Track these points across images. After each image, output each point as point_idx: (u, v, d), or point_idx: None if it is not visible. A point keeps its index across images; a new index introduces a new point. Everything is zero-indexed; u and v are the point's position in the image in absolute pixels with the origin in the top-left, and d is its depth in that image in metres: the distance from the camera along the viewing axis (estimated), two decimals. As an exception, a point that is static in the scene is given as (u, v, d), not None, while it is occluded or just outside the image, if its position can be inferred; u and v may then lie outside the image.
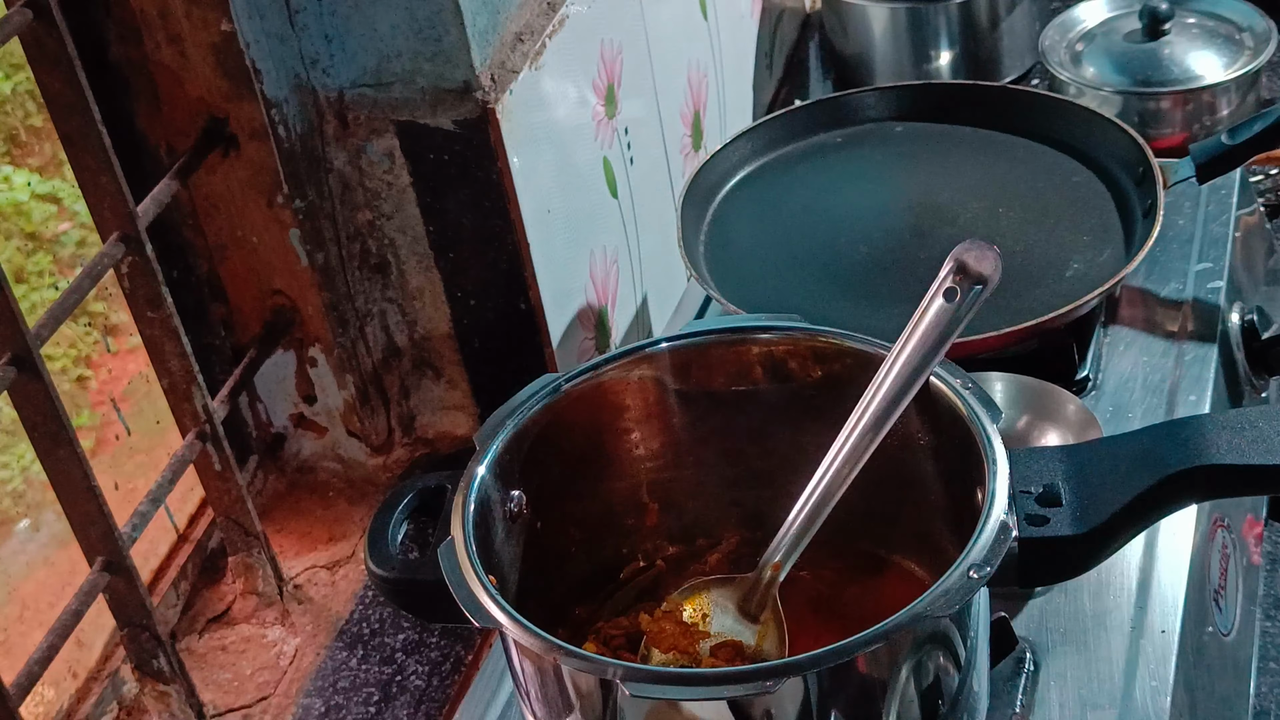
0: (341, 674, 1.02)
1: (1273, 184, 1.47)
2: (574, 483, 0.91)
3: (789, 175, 1.32)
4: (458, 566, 0.77)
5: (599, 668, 0.72)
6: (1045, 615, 0.96)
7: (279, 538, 1.14)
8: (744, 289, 1.18)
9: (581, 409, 0.89)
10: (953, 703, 0.77)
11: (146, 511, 0.95)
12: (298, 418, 1.16)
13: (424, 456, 1.18)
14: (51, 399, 0.85)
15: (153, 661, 0.95)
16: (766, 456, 0.93)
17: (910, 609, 0.71)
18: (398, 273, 1.10)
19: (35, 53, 0.87)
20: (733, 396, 0.92)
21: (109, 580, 0.90)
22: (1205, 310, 1.20)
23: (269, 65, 1.00)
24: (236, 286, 1.10)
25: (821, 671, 0.70)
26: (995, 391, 1.05)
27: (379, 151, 1.05)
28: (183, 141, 1.02)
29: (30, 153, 1.30)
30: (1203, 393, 1.12)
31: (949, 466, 0.84)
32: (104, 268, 0.91)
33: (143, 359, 1.01)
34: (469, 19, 1.00)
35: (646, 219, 1.27)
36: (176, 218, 1.06)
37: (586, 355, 1.17)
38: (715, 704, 0.71)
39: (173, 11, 0.97)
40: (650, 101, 1.28)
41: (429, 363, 1.15)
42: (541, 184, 1.08)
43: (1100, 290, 1.09)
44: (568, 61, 1.11)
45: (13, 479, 1.12)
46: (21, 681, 0.83)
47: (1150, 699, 0.90)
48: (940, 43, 1.58)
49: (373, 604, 1.07)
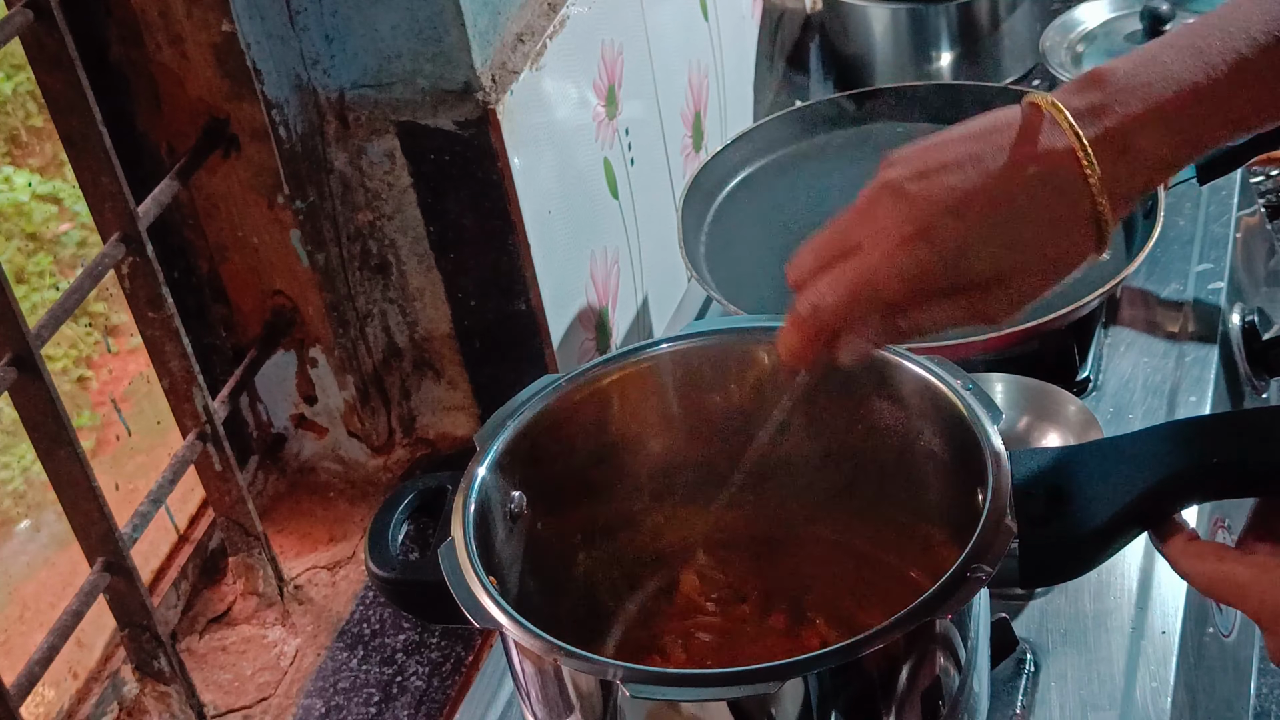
0: (342, 674, 1.02)
1: (1273, 185, 1.47)
2: (574, 483, 0.91)
3: (790, 176, 1.32)
4: (458, 567, 0.77)
5: (599, 668, 0.72)
6: (1046, 616, 0.96)
7: (279, 538, 1.14)
8: (744, 289, 1.18)
9: (582, 410, 0.89)
10: (953, 704, 0.77)
11: (147, 512, 0.95)
12: (298, 418, 1.16)
13: (424, 457, 1.18)
14: (52, 399, 0.85)
15: (153, 662, 0.95)
16: (765, 456, 0.93)
17: (910, 609, 0.71)
18: (398, 273, 1.10)
19: (36, 53, 0.87)
20: (733, 397, 0.92)
21: (109, 581, 0.90)
22: (1206, 311, 1.20)
23: (270, 66, 1.00)
24: (237, 287, 1.10)
25: (822, 672, 0.70)
26: (996, 392, 1.05)
27: (380, 152, 1.05)
28: (183, 142, 1.02)
29: (31, 153, 1.30)
30: (1203, 393, 1.12)
31: (949, 467, 0.84)
32: (104, 268, 0.91)
33: (143, 359, 1.01)
34: (470, 20, 1.00)
35: (647, 220, 1.27)
36: (177, 218, 1.06)
37: (587, 356, 1.17)
38: (716, 704, 0.71)
39: (173, 12, 0.97)
40: (651, 102, 1.28)
41: (429, 363, 1.15)
42: (542, 185, 1.09)
43: (1101, 291, 1.09)
44: (568, 62, 1.11)
45: (13, 479, 1.12)
46: (22, 682, 0.83)
47: (1151, 700, 0.90)
48: (941, 44, 1.58)
49: (373, 604, 1.07)
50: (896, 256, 0.71)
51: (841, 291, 0.73)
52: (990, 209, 0.70)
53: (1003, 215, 0.70)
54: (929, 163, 0.72)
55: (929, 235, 0.71)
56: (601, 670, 0.72)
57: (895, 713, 0.74)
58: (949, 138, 0.73)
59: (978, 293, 0.72)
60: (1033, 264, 0.71)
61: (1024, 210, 0.70)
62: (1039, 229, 0.70)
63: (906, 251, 0.71)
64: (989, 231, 0.70)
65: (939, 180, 0.71)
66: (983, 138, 0.72)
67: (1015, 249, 0.71)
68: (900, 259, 0.71)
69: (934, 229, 0.70)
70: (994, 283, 0.72)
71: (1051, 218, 0.70)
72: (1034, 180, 0.70)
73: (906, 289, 0.72)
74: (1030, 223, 0.70)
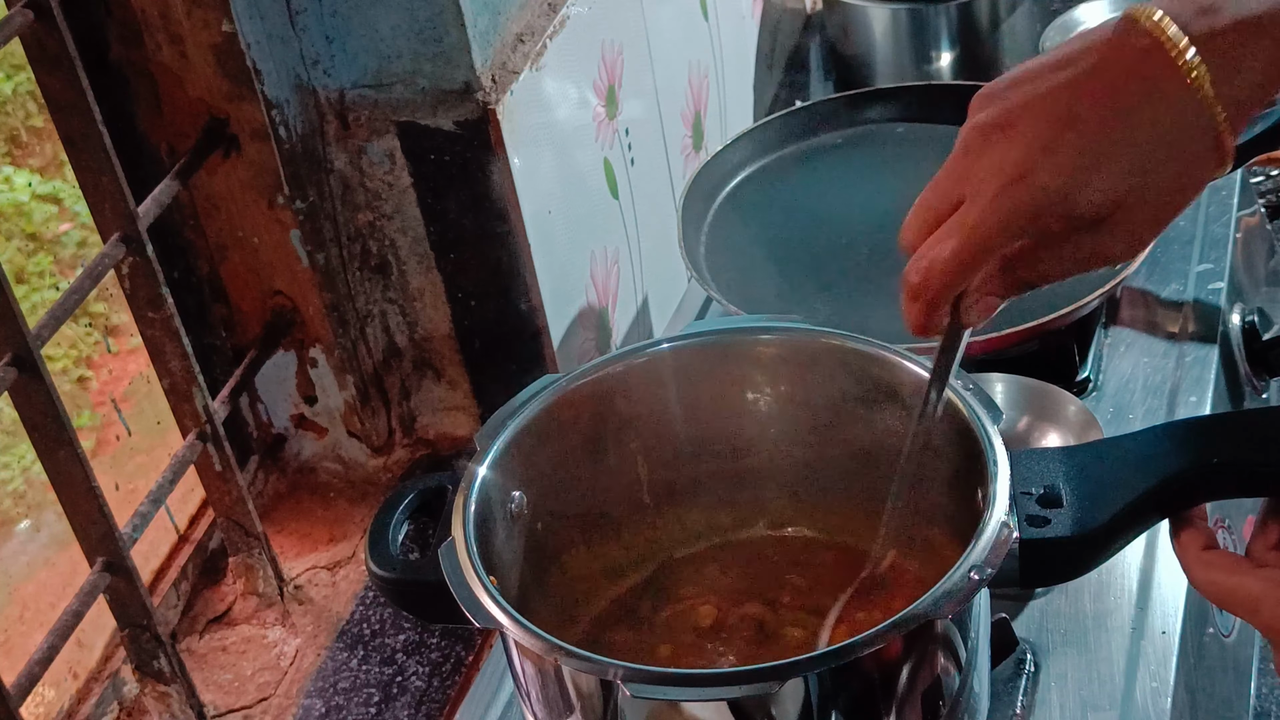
0: (342, 675, 1.02)
1: (1273, 185, 1.47)
2: (574, 483, 0.91)
3: (790, 176, 1.32)
4: (458, 567, 0.77)
5: (600, 668, 0.72)
6: (1046, 616, 0.96)
7: (279, 538, 1.14)
8: (744, 290, 1.18)
9: (582, 409, 0.89)
10: (953, 704, 0.77)
11: (147, 512, 0.95)
12: (298, 418, 1.16)
13: (425, 457, 1.18)
14: (52, 399, 0.85)
15: (153, 662, 0.95)
16: (767, 457, 0.93)
17: (911, 610, 0.71)
18: (398, 273, 1.10)
19: (36, 53, 0.87)
20: (733, 397, 0.92)
21: (109, 581, 0.90)
22: (1206, 311, 1.20)
23: (270, 66, 1.00)
24: (237, 287, 1.10)
25: (822, 672, 0.70)
26: (996, 392, 1.05)
27: (380, 152, 1.05)
28: (183, 142, 1.02)
29: (31, 153, 1.30)
30: (1203, 394, 1.12)
31: (949, 467, 0.84)
32: (105, 268, 0.91)
33: (143, 359, 1.01)
34: (470, 20, 1.00)
35: (647, 219, 1.27)
36: (177, 218, 1.06)
37: (587, 356, 1.17)
38: (716, 704, 0.71)
39: (173, 12, 0.97)
40: (651, 102, 1.28)
41: (430, 363, 1.15)
42: (542, 185, 1.09)
43: (1101, 291, 1.09)
44: (568, 62, 1.11)
45: (13, 479, 1.12)
46: (22, 682, 0.82)
47: (1151, 700, 0.90)
48: (941, 44, 1.58)
49: (373, 604, 1.07)
50: (999, 204, 0.66)
51: (949, 252, 0.68)
52: (1091, 137, 0.65)
53: (1106, 142, 0.65)
54: (1019, 100, 0.67)
55: (1029, 176, 0.66)
56: (602, 670, 0.72)
57: (895, 713, 0.74)
58: (1037, 67, 0.68)
59: (1096, 230, 0.67)
60: (1150, 189, 0.66)
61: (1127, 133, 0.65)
62: (1151, 150, 0.65)
63: (1009, 197, 0.66)
64: (1093, 161, 0.65)
65: (1031, 115, 0.66)
66: (1072, 62, 0.66)
67: (1128, 175, 0.65)
68: (1003, 206, 0.66)
69: (1033, 168, 0.66)
70: (1112, 216, 0.66)
71: (1161, 134, 0.65)
72: (1134, 97, 0.64)
73: (1017, 237, 0.67)
74: (1139, 145, 0.65)
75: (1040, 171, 0.66)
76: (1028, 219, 0.67)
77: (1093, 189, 0.66)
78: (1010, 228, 0.67)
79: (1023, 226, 0.67)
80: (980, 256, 0.68)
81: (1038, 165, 0.66)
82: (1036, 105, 0.67)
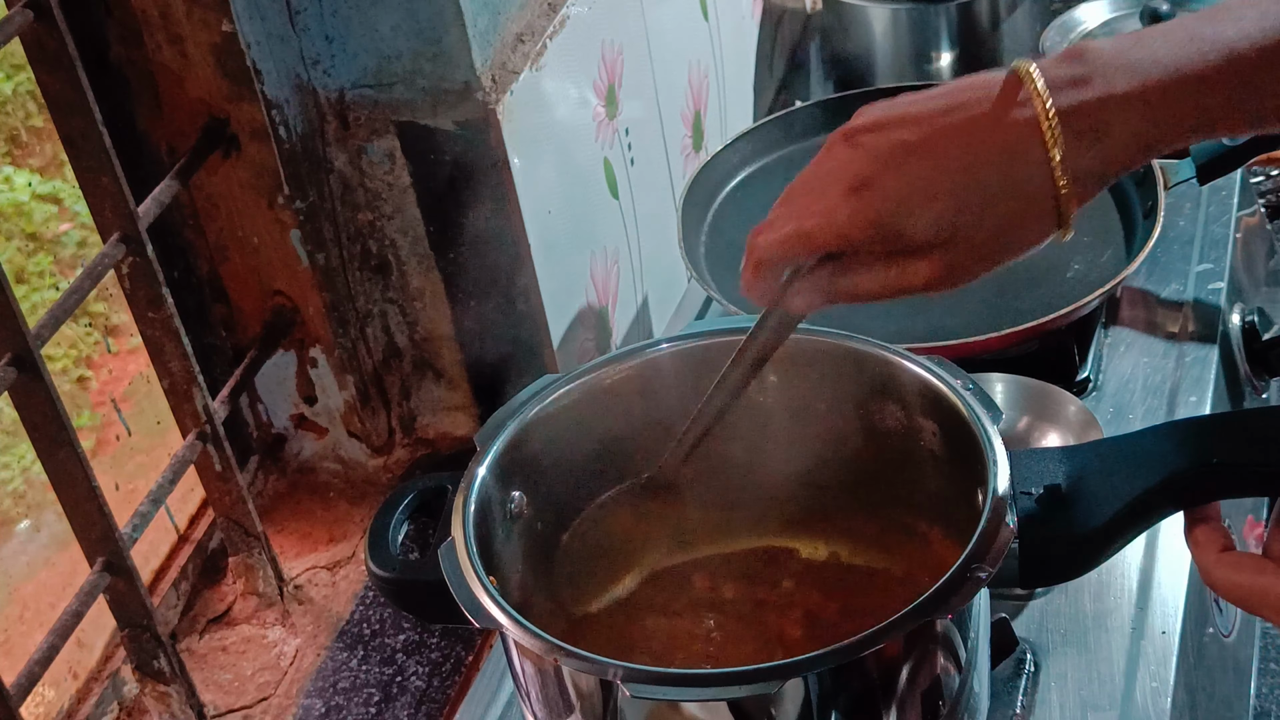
0: (342, 675, 1.02)
1: (1273, 185, 1.47)
2: (574, 483, 0.91)
3: (790, 176, 1.31)
4: (458, 567, 0.77)
5: (599, 668, 0.72)
6: (1046, 616, 0.96)
7: (279, 538, 1.14)
8: (744, 290, 1.18)
9: (582, 409, 0.89)
10: (953, 704, 0.77)
11: (147, 512, 0.95)
12: (298, 418, 1.16)
13: (425, 457, 1.18)
14: (52, 399, 0.85)
15: (153, 662, 0.95)
16: (766, 456, 0.93)
17: (910, 609, 0.71)
18: (398, 273, 1.10)
19: (36, 53, 0.87)
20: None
21: (109, 581, 0.90)
22: (1206, 311, 1.20)
23: (270, 66, 1.00)
24: (237, 287, 1.10)
25: (822, 672, 0.70)
26: (996, 392, 1.05)
27: (380, 152, 1.05)
28: (183, 142, 1.02)
29: (31, 153, 1.30)
30: (1203, 394, 1.12)
31: (950, 467, 0.84)
32: (104, 268, 0.91)
33: (143, 359, 1.01)
34: (470, 20, 1.00)
35: (647, 219, 1.27)
36: (177, 218, 1.06)
37: (587, 356, 1.17)
38: (716, 704, 0.71)
39: (173, 12, 0.97)
40: (651, 102, 1.28)
41: (429, 363, 1.15)
42: (542, 185, 1.09)
43: (1101, 291, 1.09)
44: (568, 62, 1.11)
45: (13, 479, 1.12)
46: (22, 682, 0.82)
47: (1151, 700, 0.90)
48: (941, 44, 1.58)
49: (373, 604, 1.07)
50: (832, 206, 0.69)
51: (781, 234, 0.72)
52: (936, 168, 0.67)
53: (953, 176, 0.67)
54: (890, 116, 0.70)
55: (867, 188, 0.68)
56: (601, 670, 0.72)
57: (895, 713, 0.74)
58: (922, 95, 0.71)
59: (918, 258, 0.69)
60: (982, 231, 0.68)
61: (973, 175, 0.67)
62: (989, 197, 0.67)
63: (844, 202, 0.69)
64: (934, 191, 0.67)
65: (892, 133, 0.69)
66: (952, 96, 0.69)
67: (963, 212, 0.67)
68: (836, 209, 0.69)
69: (873, 182, 0.68)
70: (937, 249, 0.68)
71: (1005, 188, 0.67)
72: (991, 145, 0.67)
73: (839, 241, 0.70)
74: (979, 189, 0.67)
75: (876, 187, 0.68)
76: (851, 227, 0.69)
77: (922, 218, 0.68)
78: (834, 230, 0.70)
79: (844, 233, 0.70)
80: (804, 245, 0.71)
81: (876, 181, 0.68)
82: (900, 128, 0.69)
